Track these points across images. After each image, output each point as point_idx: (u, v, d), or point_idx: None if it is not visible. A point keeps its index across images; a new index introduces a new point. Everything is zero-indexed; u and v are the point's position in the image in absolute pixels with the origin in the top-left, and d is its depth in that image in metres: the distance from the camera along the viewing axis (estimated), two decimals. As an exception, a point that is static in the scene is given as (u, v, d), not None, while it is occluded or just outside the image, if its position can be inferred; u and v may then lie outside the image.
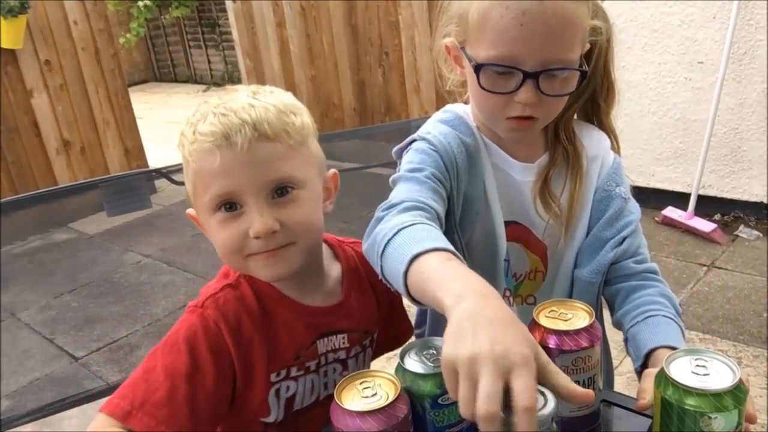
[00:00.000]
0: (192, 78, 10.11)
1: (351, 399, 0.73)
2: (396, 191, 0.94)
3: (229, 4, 5.59)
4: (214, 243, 0.92)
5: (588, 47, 0.96)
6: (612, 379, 1.24)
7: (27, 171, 4.36)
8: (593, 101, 1.07)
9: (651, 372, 0.80)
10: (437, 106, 4.73)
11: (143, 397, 0.84)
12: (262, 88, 0.93)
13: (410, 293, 0.76)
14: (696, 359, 0.73)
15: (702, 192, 3.40)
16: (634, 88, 3.45)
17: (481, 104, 0.99)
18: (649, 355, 0.90)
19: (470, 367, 0.60)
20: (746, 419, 0.72)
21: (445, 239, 0.78)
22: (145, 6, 8.25)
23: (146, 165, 4.95)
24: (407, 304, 1.00)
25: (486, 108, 0.98)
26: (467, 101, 1.05)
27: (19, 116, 4.28)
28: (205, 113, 0.88)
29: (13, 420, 2.27)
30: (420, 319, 1.16)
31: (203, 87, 9.54)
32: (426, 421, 0.75)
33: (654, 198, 3.54)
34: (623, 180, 1.06)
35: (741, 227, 3.31)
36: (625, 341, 0.99)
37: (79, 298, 3.49)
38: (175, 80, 10.41)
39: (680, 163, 3.50)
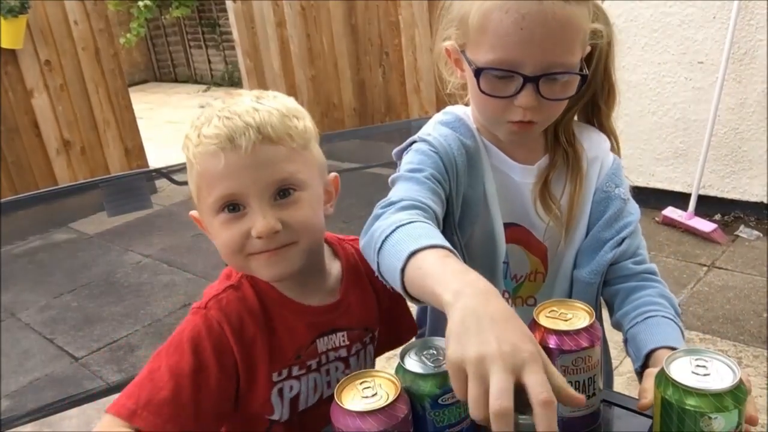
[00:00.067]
0: (192, 78, 10.11)
1: (351, 399, 0.73)
2: (395, 190, 0.94)
3: (230, 4, 5.59)
4: (217, 243, 0.93)
5: (589, 50, 0.96)
6: (611, 380, 1.24)
7: (27, 171, 4.36)
8: (594, 103, 1.07)
9: (652, 372, 0.80)
10: (437, 106, 4.72)
11: (148, 397, 0.85)
12: (266, 93, 0.94)
13: (407, 289, 0.76)
14: (696, 359, 0.73)
15: (702, 192, 3.40)
16: (634, 88, 3.45)
17: (481, 108, 0.98)
18: (649, 356, 0.90)
19: (479, 367, 0.60)
20: (747, 421, 0.71)
21: (443, 237, 0.78)
22: (146, 6, 8.25)
23: (146, 165, 4.95)
24: (409, 303, 1.00)
25: (486, 111, 0.98)
26: (468, 103, 1.05)
27: (19, 116, 4.28)
28: (210, 117, 0.89)
29: (13, 420, 2.27)
30: (420, 320, 1.16)
31: (203, 87, 9.54)
32: (426, 421, 0.75)
33: (654, 198, 3.54)
34: (622, 181, 1.06)
35: (741, 227, 3.31)
36: (625, 342, 0.99)
37: (79, 298, 3.49)
38: (176, 80, 10.41)
39: (680, 163, 3.50)
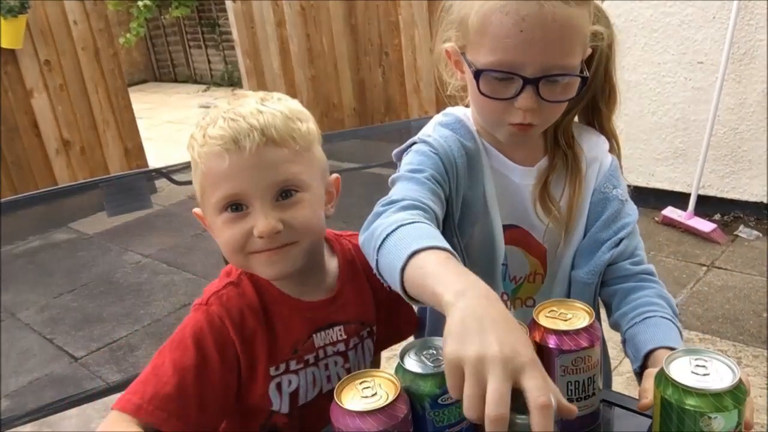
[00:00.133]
0: (192, 78, 10.11)
1: (351, 399, 0.73)
2: (395, 190, 0.94)
3: (229, 4, 5.59)
4: (219, 241, 0.95)
5: (589, 52, 0.96)
6: (610, 380, 1.24)
7: (27, 171, 4.36)
8: (594, 105, 1.07)
9: (652, 372, 0.80)
10: (437, 106, 4.72)
11: (153, 391, 0.87)
12: (270, 95, 0.96)
13: (406, 289, 0.76)
14: (696, 359, 0.73)
15: (702, 192, 3.40)
16: (634, 88, 3.45)
17: (481, 109, 0.98)
18: (648, 356, 0.90)
19: (478, 367, 0.60)
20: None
21: (444, 240, 0.78)
22: (145, 6, 8.25)
23: (146, 165, 4.95)
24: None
25: (486, 113, 0.98)
26: (468, 105, 1.05)
27: (19, 116, 4.27)
28: (215, 118, 0.91)
29: (13, 420, 2.27)
30: (420, 320, 1.16)
31: (203, 87, 9.54)
32: (426, 421, 0.75)
33: (654, 198, 3.54)
34: (620, 182, 1.06)
35: (741, 227, 3.31)
36: (623, 342, 0.99)
37: (79, 298, 3.48)
38: (175, 80, 10.40)
39: (680, 163, 3.50)
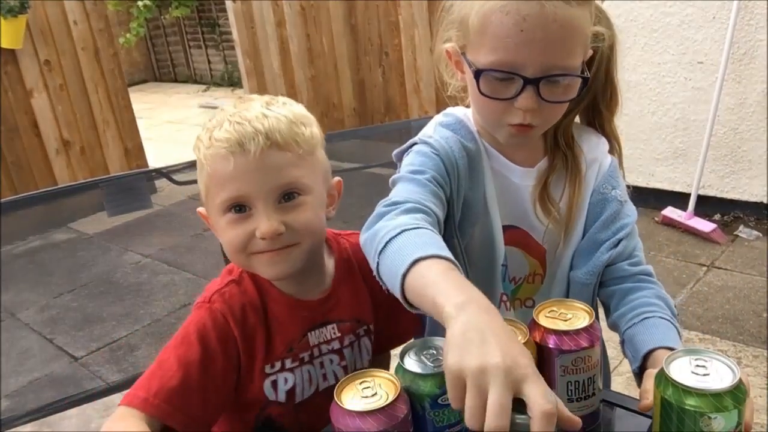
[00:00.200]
0: (192, 78, 10.10)
1: (351, 399, 0.73)
2: (397, 190, 0.94)
3: (229, 4, 5.59)
4: (222, 241, 0.97)
5: (591, 53, 0.95)
6: (609, 380, 1.24)
7: (27, 171, 4.36)
8: (595, 107, 1.06)
9: (653, 372, 0.80)
10: (437, 106, 4.71)
11: (159, 386, 0.89)
12: (276, 99, 0.98)
13: (406, 295, 0.75)
14: (696, 359, 0.73)
15: (702, 192, 3.40)
16: (634, 88, 3.45)
17: (481, 109, 0.98)
18: (647, 357, 0.90)
19: (480, 378, 0.60)
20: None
21: (447, 249, 0.78)
22: (145, 6, 8.24)
23: (146, 165, 4.95)
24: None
25: (486, 113, 0.98)
26: (468, 105, 1.05)
27: (19, 116, 4.27)
28: (221, 121, 0.93)
29: (13, 420, 2.27)
30: (420, 322, 1.16)
31: (203, 87, 9.53)
32: (426, 421, 0.75)
33: (654, 198, 3.54)
34: (619, 183, 1.06)
35: (741, 227, 3.31)
36: (622, 343, 0.99)
37: (79, 298, 3.48)
38: (175, 80, 10.40)
39: (680, 163, 3.50)
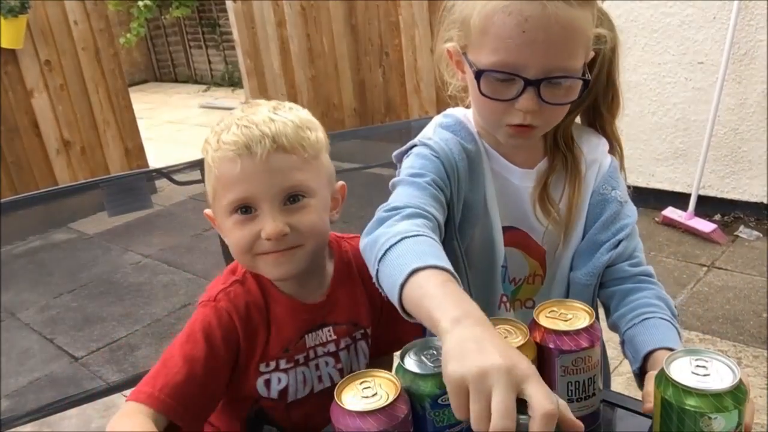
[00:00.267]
0: (192, 78, 10.10)
1: (351, 399, 0.73)
2: (397, 195, 0.94)
3: (230, 4, 5.59)
4: (228, 242, 0.99)
5: (592, 55, 0.95)
6: (609, 380, 1.24)
7: (27, 171, 4.36)
8: (596, 109, 1.06)
9: (654, 375, 0.80)
10: (437, 107, 4.71)
11: (164, 381, 0.91)
12: (282, 104, 1.00)
13: (403, 305, 0.75)
14: (696, 359, 0.73)
15: (702, 192, 3.40)
16: (634, 89, 3.45)
17: (482, 110, 0.98)
18: (647, 358, 0.90)
19: (482, 381, 0.60)
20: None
21: (447, 259, 0.78)
22: (146, 6, 8.23)
23: (146, 165, 4.95)
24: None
25: (486, 114, 0.97)
26: (469, 105, 1.04)
27: (19, 116, 4.27)
28: (229, 124, 0.95)
29: (13, 420, 2.27)
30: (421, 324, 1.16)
31: (203, 87, 9.52)
32: (426, 421, 0.75)
33: (654, 198, 3.54)
34: (620, 183, 1.06)
35: (741, 227, 3.31)
36: (622, 344, 0.99)
37: (79, 298, 3.48)
38: (176, 80, 10.39)
39: (680, 164, 3.50)
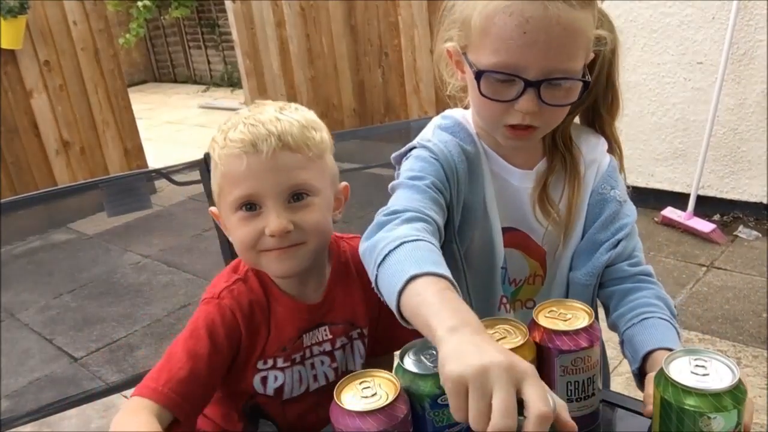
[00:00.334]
0: (191, 78, 10.09)
1: (351, 399, 0.73)
2: (396, 198, 0.94)
3: (229, 5, 5.59)
4: (232, 238, 1.01)
5: (592, 57, 0.95)
6: (608, 380, 1.24)
7: (26, 171, 4.35)
8: (595, 111, 1.06)
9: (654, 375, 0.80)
10: (437, 107, 4.70)
11: (168, 376, 0.92)
12: (288, 105, 1.02)
13: (401, 311, 0.75)
14: (695, 359, 0.73)
15: (701, 192, 3.40)
16: (634, 89, 3.45)
17: (481, 111, 0.98)
18: (647, 358, 0.90)
19: (482, 378, 0.60)
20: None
21: (446, 265, 0.78)
22: (145, 6, 8.23)
23: (146, 165, 4.94)
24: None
25: (486, 115, 0.97)
26: (468, 106, 1.04)
27: (19, 116, 4.27)
28: (236, 122, 0.97)
29: (13, 420, 2.27)
30: None
31: (203, 87, 9.52)
32: (426, 421, 0.75)
33: (653, 198, 3.54)
34: (619, 183, 1.06)
35: (740, 227, 3.31)
36: (621, 344, 0.99)
37: (79, 299, 3.48)
38: (175, 81, 10.39)
39: (680, 164, 3.50)
